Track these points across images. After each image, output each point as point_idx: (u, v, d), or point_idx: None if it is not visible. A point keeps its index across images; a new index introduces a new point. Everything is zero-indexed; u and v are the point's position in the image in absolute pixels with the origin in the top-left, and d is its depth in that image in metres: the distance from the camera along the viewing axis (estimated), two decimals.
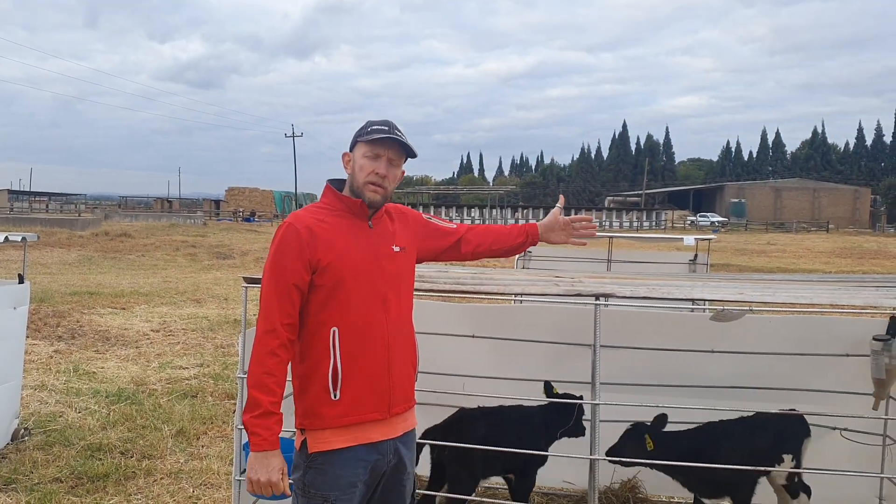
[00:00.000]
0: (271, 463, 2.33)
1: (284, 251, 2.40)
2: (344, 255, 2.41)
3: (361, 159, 2.49)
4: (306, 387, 2.45)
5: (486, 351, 4.62)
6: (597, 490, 3.48)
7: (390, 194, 2.55)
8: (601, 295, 3.41)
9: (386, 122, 2.50)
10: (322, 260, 2.39)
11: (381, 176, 2.47)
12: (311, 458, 2.42)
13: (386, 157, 2.48)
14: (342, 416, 2.40)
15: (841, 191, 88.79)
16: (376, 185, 2.47)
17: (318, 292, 2.41)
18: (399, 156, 2.53)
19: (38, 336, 9.82)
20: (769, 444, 4.08)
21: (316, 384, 2.42)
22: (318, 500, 2.39)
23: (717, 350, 4.37)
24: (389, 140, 2.47)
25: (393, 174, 2.52)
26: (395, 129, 2.49)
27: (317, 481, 2.40)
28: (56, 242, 27.17)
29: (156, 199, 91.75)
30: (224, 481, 4.96)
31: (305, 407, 2.45)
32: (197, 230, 38.77)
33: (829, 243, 42.06)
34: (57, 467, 5.15)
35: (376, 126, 2.49)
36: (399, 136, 2.47)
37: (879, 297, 3.52)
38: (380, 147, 2.47)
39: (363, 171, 2.48)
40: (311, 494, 2.40)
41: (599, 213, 76.78)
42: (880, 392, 3.87)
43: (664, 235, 15.75)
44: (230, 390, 7.18)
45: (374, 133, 2.46)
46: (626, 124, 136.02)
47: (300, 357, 2.48)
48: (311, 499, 2.41)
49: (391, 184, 2.51)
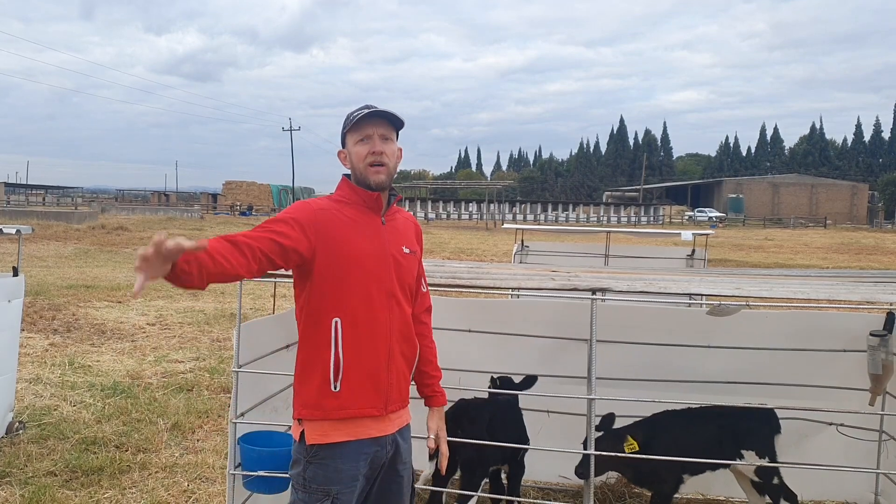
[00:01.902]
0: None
1: (288, 213, 2.38)
2: (354, 245, 2.39)
3: (354, 147, 2.47)
4: (307, 376, 2.43)
5: (483, 345, 4.61)
6: (592, 485, 3.48)
7: (393, 172, 2.50)
8: (597, 289, 3.40)
9: (365, 105, 2.48)
10: (330, 246, 2.36)
11: (377, 153, 2.44)
12: (312, 453, 2.40)
13: (376, 134, 2.45)
14: (340, 409, 2.39)
15: (839, 187, 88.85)
16: (377, 165, 2.44)
17: (324, 280, 2.38)
18: (388, 130, 2.49)
19: (33, 329, 9.80)
20: (717, 437, 4.00)
21: (317, 374, 2.40)
22: (319, 494, 2.37)
23: (713, 345, 4.37)
24: (373, 116, 2.44)
25: (390, 149, 2.48)
26: (376, 107, 2.47)
27: (318, 476, 2.38)
28: (52, 236, 27.12)
29: (153, 193, 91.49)
30: (219, 475, 4.95)
31: (305, 397, 2.43)
32: (194, 224, 38.73)
33: (827, 239, 42.13)
34: (51, 461, 5.14)
35: (356, 111, 2.47)
36: (381, 109, 2.45)
37: (876, 292, 3.52)
38: (367, 127, 2.45)
39: (360, 158, 2.45)
40: (312, 489, 2.38)
41: (597, 208, 76.83)
42: (877, 388, 3.87)
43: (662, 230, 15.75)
44: (226, 384, 7.18)
45: (356, 117, 2.45)
46: (623, 119, 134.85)
47: (301, 345, 2.46)
48: (312, 493, 2.38)
49: (390, 159, 2.47)
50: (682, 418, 4.06)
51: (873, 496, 4.57)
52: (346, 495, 2.38)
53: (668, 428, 4.00)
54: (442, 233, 40.98)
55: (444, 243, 31.44)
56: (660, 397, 4.07)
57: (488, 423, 4.00)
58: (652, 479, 4.01)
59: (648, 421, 4.06)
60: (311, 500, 2.38)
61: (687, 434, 3.98)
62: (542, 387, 4.31)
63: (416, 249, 2.60)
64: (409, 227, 2.64)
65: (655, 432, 3.95)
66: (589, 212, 75.57)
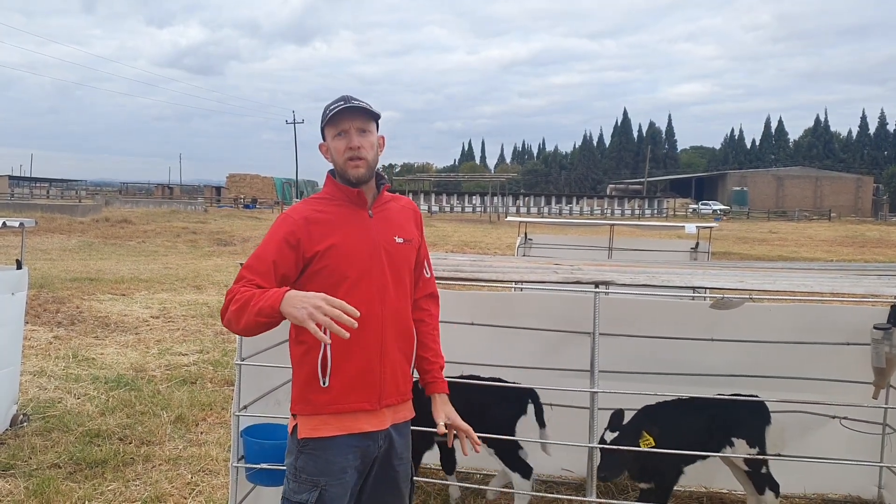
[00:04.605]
0: (298, 294, 2.14)
1: (273, 234, 2.42)
2: (341, 242, 2.39)
3: (332, 142, 2.47)
4: (298, 371, 2.45)
5: (485, 338, 4.60)
6: (595, 478, 3.48)
7: (374, 163, 2.49)
8: (600, 282, 3.39)
9: (342, 97, 2.46)
10: (317, 248, 2.37)
11: (354, 148, 2.43)
12: (303, 443, 2.41)
13: (352, 128, 2.43)
14: (331, 404, 2.39)
15: (843, 179, 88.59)
16: (355, 160, 2.43)
17: (314, 278, 2.38)
18: (365, 122, 2.46)
19: (37, 322, 9.82)
20: (707, 427, 4.00)
21: (306, 369, 2.41)
22: (308, 485, 2.37)
23: (716, 338, 4.35)
24: (347, 110, 2.43)
25: (368, 142, 2.46)
26: (352, 99, 2.45)
27: (308, 466, 2.39)
28: (56, 228, 27.15)
29: (157, 186, 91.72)
30: (222, 468, 4.96)
31: (297, 392, 2.45)
32: (198, 217, 38.75)
33: (832, 232, 42.01)
34: (55, 453, 5.16)
35: (333, 104, 2.46)
36: (356, 103, 2.43)
37: (880, 285, 3.50)
38: (343, 121, 2.43)
39: (339, 153, 2.45)
40: (301, 479, 2.39)
41: (601, 201, 76.68)
42: (880, 381, 3.86)
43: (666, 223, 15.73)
44: (229, 377, 7.19)
45: (332, 111, 2.43)
46: (627, 112, 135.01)
47: (295, 341, 2.46)
48: (301, 483, 2.39)
49: (369, 152, 2.46)
50: (675, 409, 4.04)
51: (877, 489, 4.57)
52: (335, 488, 2.38)
53: (663, 418, 3.99)
54: (445, 226, 40.95)
55: (448, 236, 31.42)
56: (662, 390, 4.06)
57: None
58: (655, 473, 4.01)
59: (644, 413, 4.04)
60: (300, 489, 2.38)
61: (680, 424, 3.98)
62: (545, 380, 4.31)
63: (413, 237, 2.57)
64: (407, 215, 2.61)
65: (654, 424, 3.95)
66: (593, 205, 75.45)
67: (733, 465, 4.15)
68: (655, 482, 4.02)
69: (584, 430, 3.51)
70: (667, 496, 4.03)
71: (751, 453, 3.98)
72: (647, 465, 3.93)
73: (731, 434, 4.01)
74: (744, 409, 4.05)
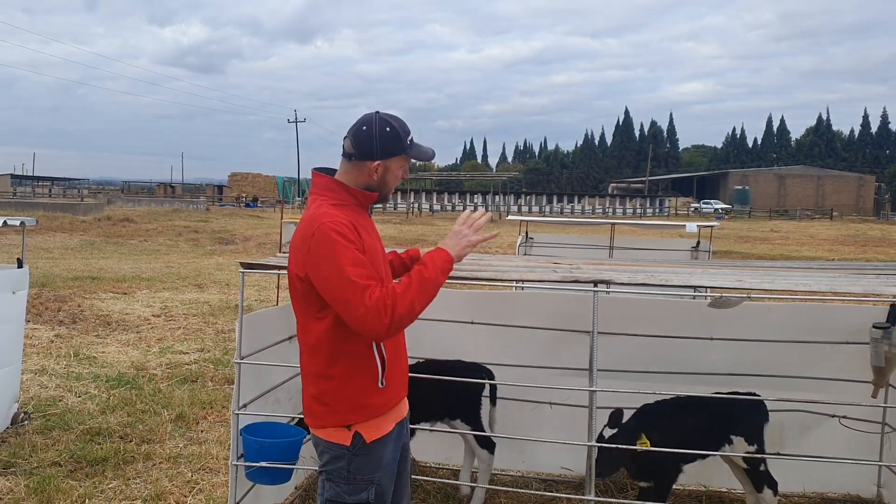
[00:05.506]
0: (449, 242, 2.60)
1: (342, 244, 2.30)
2: (370, 246, 2.45)
3: (398, 170, 2.53)
4: (347, 381, 2.41)
5: (485, 337, 4.61)
6: (594, 476, 3.48)
7: None
8: (599, 281, 3.40)
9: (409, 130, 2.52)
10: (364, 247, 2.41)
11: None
12: (356, 446, 2.44)
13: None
14: (387, 403, 2.50)
15: (845, 178, 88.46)
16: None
17: None
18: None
19: (39, 320, 9.84)
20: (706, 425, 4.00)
21: (363, 376, 2.43)
22: (364, 483, 2.45)
23: (715, 337, 4.36)
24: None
25: None
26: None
27: (363, 467, 2.45)
28: (58, 227, 27.19)
29: (159, 185, 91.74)
30: (223, 466, 4.97)
31: (349, 402, 2.42)
32: (199, 215, 38.77)
33: (833, 231, 41.95)
34: (56, 451, 5.17)
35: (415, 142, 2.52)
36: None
37: (879, 284, 3.50)
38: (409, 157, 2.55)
39: (395, 179, 2.54)
40: (356, 480, 2.44)
41: (603, 200, 76.62)
42: (879, 380, 3.86)
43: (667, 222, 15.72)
44: (230, 375, 7.19)
45: (420, 149, 2.53)
46: (628, 111, 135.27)
47: (332, 356, 2.40)
48: (356, 484, 2.44)
49: None
50: (674, 407, 4.04)
51: (876, 488, 4.57)
52: (387, 481, 2.50)
53: (662, 417, 3.99)
54: (447, 224, 40.93)
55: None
56: (661, 389, 4.07)
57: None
58: (654, 472, 4.01)
59: (643, 411, 4.04)
60: (356, 490, 2.44)
61: (679, 423, 3.98)
62: (544, 378, 4.32)
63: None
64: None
65: (653, 423, 3.95)
66: (594, 203, 75.39)
67: (732, 464, 4.15)
68: (655, 481, 4.02)
69: (583, 428, 3.51)
70: (666, 495, 4.03)
71: (749, 451, 3.98)
72: (646, 464, 3.93)
73: (729, 432, 4.02)
74: (742, 407, 4.05)
